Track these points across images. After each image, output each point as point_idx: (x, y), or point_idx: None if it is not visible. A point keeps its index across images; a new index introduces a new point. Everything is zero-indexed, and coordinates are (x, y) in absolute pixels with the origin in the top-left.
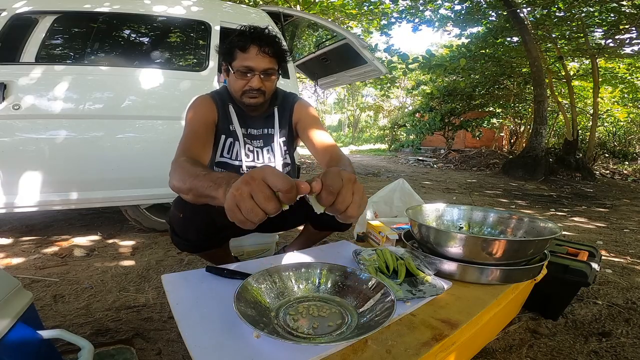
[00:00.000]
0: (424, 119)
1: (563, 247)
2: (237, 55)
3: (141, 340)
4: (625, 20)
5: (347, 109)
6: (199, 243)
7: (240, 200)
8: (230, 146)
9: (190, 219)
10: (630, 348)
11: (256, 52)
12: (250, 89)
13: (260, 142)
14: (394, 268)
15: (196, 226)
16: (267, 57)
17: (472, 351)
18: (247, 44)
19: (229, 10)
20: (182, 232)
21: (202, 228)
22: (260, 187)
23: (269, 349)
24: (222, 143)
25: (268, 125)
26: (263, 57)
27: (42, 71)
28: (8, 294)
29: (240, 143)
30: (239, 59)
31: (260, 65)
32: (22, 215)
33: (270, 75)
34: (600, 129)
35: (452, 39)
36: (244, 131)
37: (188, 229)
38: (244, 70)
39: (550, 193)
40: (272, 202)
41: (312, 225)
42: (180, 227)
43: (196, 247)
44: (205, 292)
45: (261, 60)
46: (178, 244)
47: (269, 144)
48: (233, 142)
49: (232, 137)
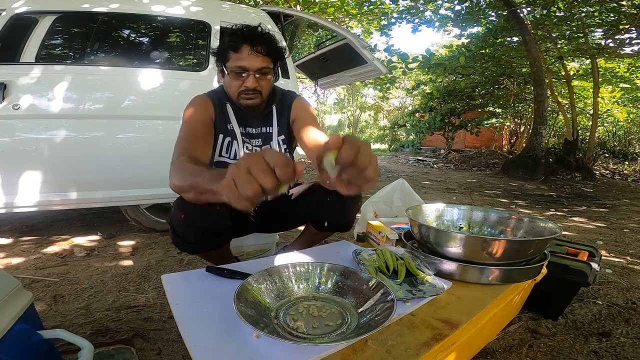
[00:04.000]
0: (424, 119)
1: (563, 247)
2: (230, 56)
3: (141, 340)
4: (625, 20)
5: (347, 109)
6: (199, 244)
7: (237, 175)
8: (229, 145)
9: (191, 220)
10: (630, 348)
11: (249, 52)
12: (246, 89)
13: (259, 141)
14: (394, 268)
15: (197, 227)
16: (260, 55)
17: (472, 351)
18: (239, 43)
19: (229, 10)
20: (182, 233)
21: (202, 229)
22: (257, 161)
23: (269, 349)
24: (220, 142)
25: (266, 123)
26: (256, 56)
27: (42, 71)
28: (8, 294)
29: (238, 142)
30: (232, 60)
31: (254, 65)
32: (22, 215)
33: (266, 75)
34: (600, 129)
35: (452, 39)
36: (242, 130)
37: (189, 230)
38: (238, 70)
39: (550, 193)
40: (269, 175)
41: (313, 225)
42: (181, 228)
43: (196, 248)
44: (205, 292)
45: (254, 60)
46: (178, 245)
47: (267, 142)
48: (231, 142)
49: (230, 137)
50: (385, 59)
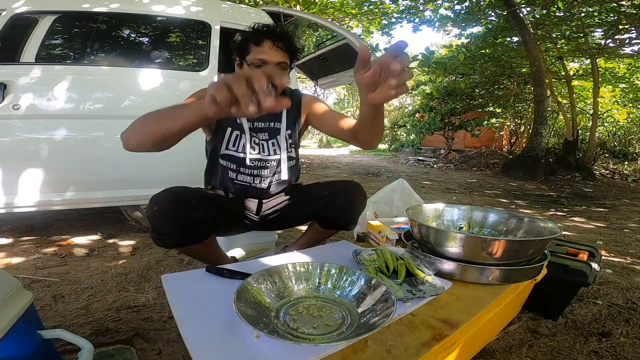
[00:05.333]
0: (424, 119)
1: (563, 247)
2: (252, 49)
3: (141, 340)
4: (625, 20)
5: (347, 109)
6: (174, 237)
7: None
8: (237, 139)
9: (163, 212)
10: (630, 348)
11: (269, 46)
12: None
13: (265, 135)
14: (394, 268)
15: (169, 219)
16: (280, 51)
17: (472, 351)
18: (261, 38)
19: (229, 10)
20: (156, 225)
21: (175, 221)
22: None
23: (268, 349)
24: (227, 136)
25: (275, 119)
26: (276, 51)
27: (42, 71)
28: (8, 294)
29: (246, 136)
30: (253, 53)
31: (274, 59)
32: (22, 215)
33: (284, 69)
34: (600, 129)
35: (452, 39)
36: (250, 125)
37: (161, 223)
38: (258, 63)
39: (550, 193)
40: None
41: (320, 222)
42: (154, 220)
43: (170, 241)
44: (205, 292)
45: (275, 54)
46: (155, 239)
47: (274, 136)
48: (240, 135)
49: (239, 130)
50: None
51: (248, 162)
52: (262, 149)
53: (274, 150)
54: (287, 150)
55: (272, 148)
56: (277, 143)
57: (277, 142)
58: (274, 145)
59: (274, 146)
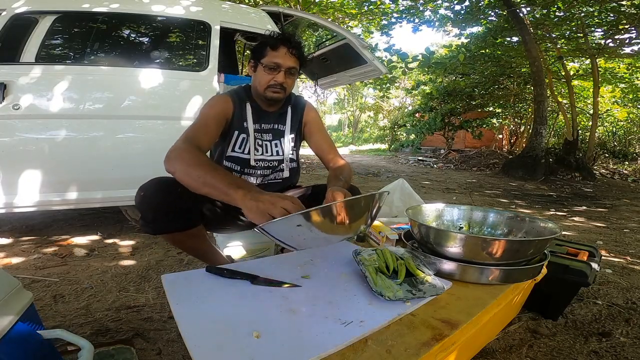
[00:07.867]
0: (424, 119)
1: (563, 247)
2: (268, 53)
3: (141, 340)
4: (625, 20)
5: (347, 109)
6: (159, 223)
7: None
8: (243, 142)
9: (149, 197)
10: (630, 348)
11: (285, 52)
12: (275, 83)
13: (269, 136)
14: (394, 268)
15: (155, 205)
16: (293, 57)
17: (472, 351)
18: (279, 43)
19: (229, 10)
20: (142, 211)
21: (161, 207)
22: None
23: (269, 349)
24: (234, 139)
25: (280, 121)
26: (290, 57)
27: (42, 71)
28: (8, 294)
29: (251, 138)
30: (269, 56)
31: (287, 63)
32: (22, 215)
33: (293, 74)
34: (600, 129)
35: (452, 39)
36: (256, 127)
37: (147, 208)
38: (272, 66)
39: (550, 193)
40: None
41: None
42: (141, 206)
43: (156, 227)
44: (205, 292)
45: (288, 59)
46: (142, 227)
47: (277, 138)
48: (246, 138)
49: (245, 134)
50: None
51: (252, 163)
52: (266, 149)
53: (277, 152)
54: (290, 152)
55: (275, 149)
56: (281, 144)
57: (281, 144)
58: (277, 146)
59: (277, 147)
